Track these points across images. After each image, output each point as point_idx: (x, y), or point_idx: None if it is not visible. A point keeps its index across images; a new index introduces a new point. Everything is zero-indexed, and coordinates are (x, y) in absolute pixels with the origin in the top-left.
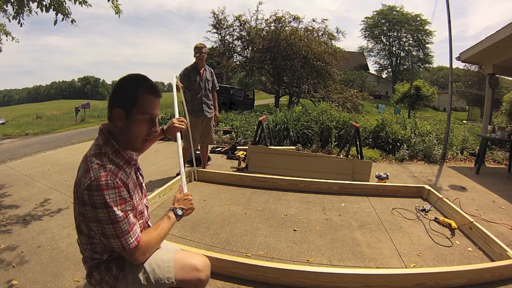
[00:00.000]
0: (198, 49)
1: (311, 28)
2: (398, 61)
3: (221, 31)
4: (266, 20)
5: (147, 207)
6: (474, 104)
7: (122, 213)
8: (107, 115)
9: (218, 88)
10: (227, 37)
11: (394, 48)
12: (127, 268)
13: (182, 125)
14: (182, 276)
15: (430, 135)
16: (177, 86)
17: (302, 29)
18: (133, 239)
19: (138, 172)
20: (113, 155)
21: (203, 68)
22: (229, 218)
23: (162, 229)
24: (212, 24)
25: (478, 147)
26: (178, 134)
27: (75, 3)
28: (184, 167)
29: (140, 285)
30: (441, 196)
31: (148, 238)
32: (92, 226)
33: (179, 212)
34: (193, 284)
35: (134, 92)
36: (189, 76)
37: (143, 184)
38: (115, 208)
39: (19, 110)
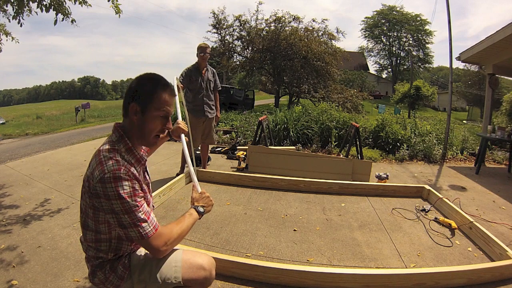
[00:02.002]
0: (201, 49)
1: (311, 28)
2: (398, 61)
3: (221, 31)
4: (266, 20)
5: (153, 207)
6: (474, 104)
7: (137, 203)
8: (122, 112)
9: (220, 89)
10: (227, 37)
11: (394, 48)
12: (133, 267)
13: (185, 127)
14: (189, 276)
15: (430, 135)
16: (177, 87)
17: (302, 29)
18: (151, 227)
19: (145, 172)
20: (125, 153)
21: (205, 68)
22: (229, 218)
23: (184, 223)
24: (212, 24)
25: (478, 147)
26: (183, 136)
27: (75, 3)
28: (191, 165)
29: (146, 285)
30: (441, 196)
31: (169, 230)
32: (108, 218)
33: (201, 210)
34: (199, 283)
35: (150, 89)
36: (190, 76)
37: (150, 184)
38: (129, 199)
39: (19, 110)
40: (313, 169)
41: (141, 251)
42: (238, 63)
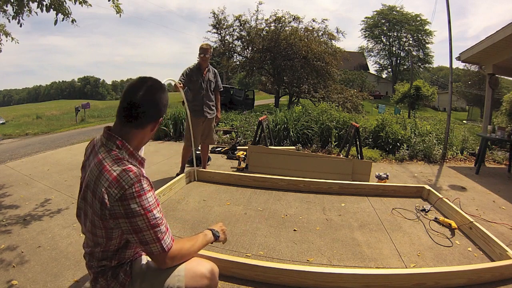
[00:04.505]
0: (203, 50)
1: (311, 28)
2: (398, 61)
3: (221, 31)
4: (266, 20)
5: None
6: (474, 104)
7: (161, 214)
8: (132, 121)
9: (222, 89)
10: (227, 37)
11: (394, 48)
12: (134, 275)
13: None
14: (192, 285)
15: (430, 135)
16: (175, 86)
17: (302, 29)
18: (170, 239)
19: None
20: (129, 158)
21: (206, 69)
22: (229, 218)
23: (196, 242)
24: (212, 24)
25: (478, 147)
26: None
27: (75, 3)
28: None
29: None
30: (441, 196)
31: (179, 245)
32: (129, 237)
33: (217, 233)
34: None
35: (168, 100)
36: (191, 76)
37: None
38: (154, 212)
39: (19, 110)
40: (313, 169)
41: (143, 258)
42: (238, 63)
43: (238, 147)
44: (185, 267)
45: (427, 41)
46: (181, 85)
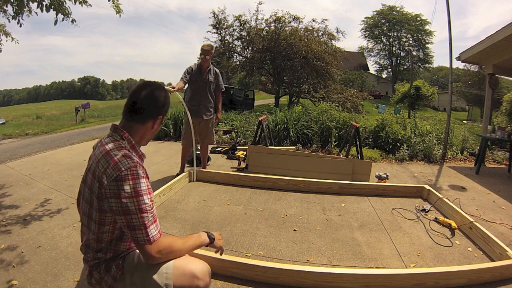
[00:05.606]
0: (202, 51)
1: (311, 28)
2: (398, 61)
3: (221, 31)
4: (266, 20)
5: None
6: (474, 104)
7: (150, 202)
8: (134, 118)
9: (223, 90)
10: (227, 37)
11: (394, 48)
12: (126, 269)
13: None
14: (181, 284)
15: (430, 135)
16: (172, 87)
17: (302, 29)
18: (156, 231)
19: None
20: (130, 150)
21: (207, 69)
22: (229, 218)
23: (189, 241)
24: (212, 24)
25: (478, 147)
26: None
27: (75, 3)
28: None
29: None
30: (441, 196)
31: (170, 240)
32: (117, 219)
33: (213, 236)
34: None
35: (169, 101)
36: (191, 75)
37: None
38: (144, 197)
39: (19, 110)
40: (313, 169)
41: (135, 253)
42: (238, 63)
43: (238, 147)
44: (174, 264)
45: (427, 41)
46: (175, 89)
